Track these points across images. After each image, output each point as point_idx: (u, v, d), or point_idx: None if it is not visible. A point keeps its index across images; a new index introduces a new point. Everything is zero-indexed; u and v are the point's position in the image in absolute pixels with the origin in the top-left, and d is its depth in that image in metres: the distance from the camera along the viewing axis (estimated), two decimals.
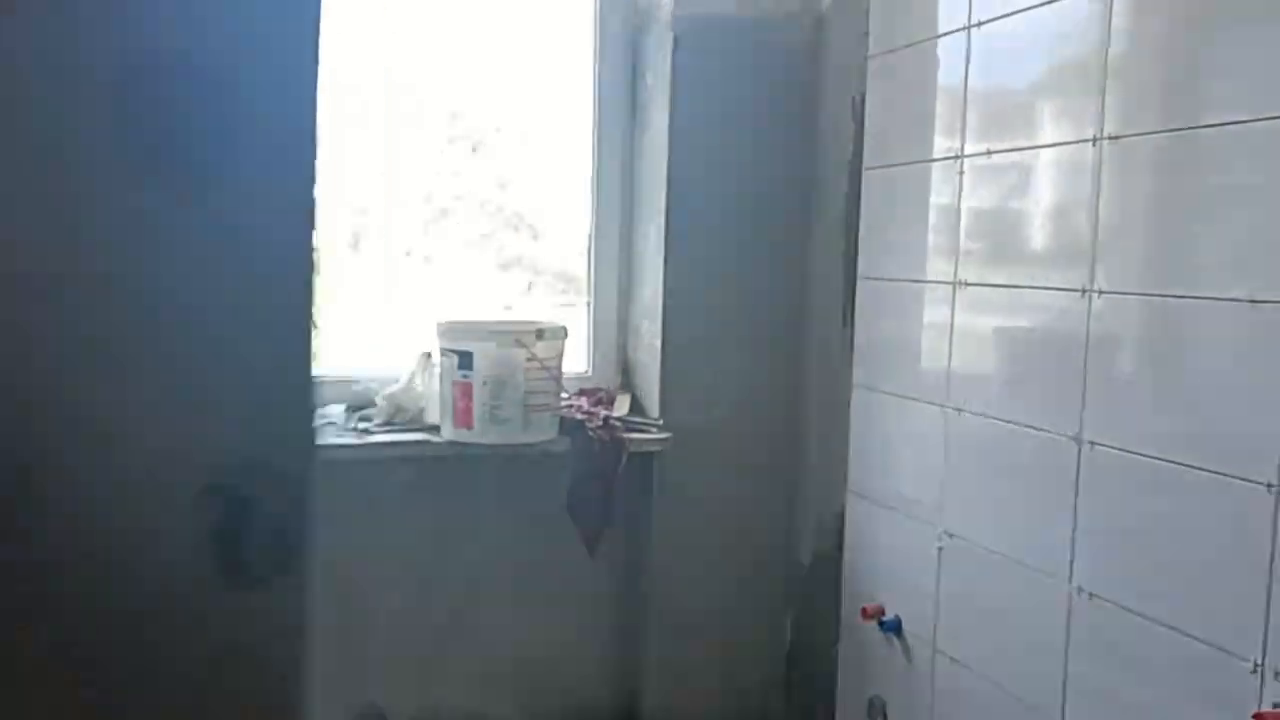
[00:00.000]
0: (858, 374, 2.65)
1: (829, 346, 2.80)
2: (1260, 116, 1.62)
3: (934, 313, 2.39)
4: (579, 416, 2.71)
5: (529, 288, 3.25)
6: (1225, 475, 1.68)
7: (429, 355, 2.65)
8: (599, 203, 2.94)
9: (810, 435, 2.90)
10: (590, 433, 2.67)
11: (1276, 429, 1.59)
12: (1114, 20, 1.90)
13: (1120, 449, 1.88)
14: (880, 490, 2.58)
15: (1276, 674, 1.58)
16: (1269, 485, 1.60)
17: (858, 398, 2.66)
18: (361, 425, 2.60)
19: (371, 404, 2.67)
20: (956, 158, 2.31)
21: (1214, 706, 1.68)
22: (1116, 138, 1.89)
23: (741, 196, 2.82)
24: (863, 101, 2.65)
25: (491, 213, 3.18)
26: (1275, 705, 1.57)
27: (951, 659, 2.33)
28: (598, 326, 2.97)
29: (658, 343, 2.80)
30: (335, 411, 2.65)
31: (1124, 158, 1.89)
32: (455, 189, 3.10)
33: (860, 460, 2.66)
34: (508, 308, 3.11)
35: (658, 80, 2.80)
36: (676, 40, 2.73)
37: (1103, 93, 1.92)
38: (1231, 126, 1.67)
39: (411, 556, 2.70)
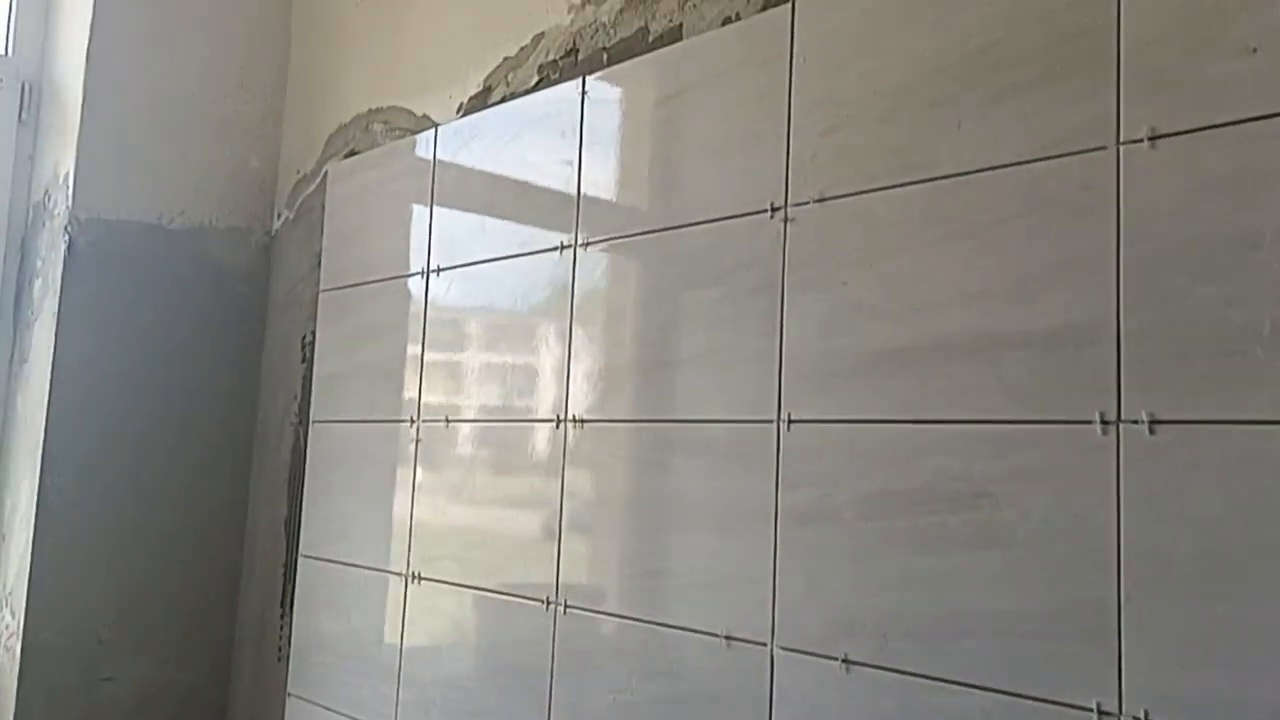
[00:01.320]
0: (293, 681, 2.10)
1: (265, 642, 2.23)
2: (729, 418, 1.39)
3: (384, 608, 1.92)
4: None
5: None
6: None
7: None
8: None
9: None
10: None
11: None
12: (577, 283, 1.65)
13: None
14: None
15: None
16: None
17: (293, 711, 2.09)
18: None
19: None
20: (412, 421, 1.92)
21: None
22: (581, 421, 1.61)
23: (159, 446, 2.22)
24: (314, 341, 2.21)
25: None
26: None
27: None
28: None
29: (18, 645, 2.05)
30: None
31: (584, 443, 1.60)
32: None
33: None
34: None
35: (46, 295, 2.17)
36: (72, 244, 2.14)
37: (566, 376, 1.64)
38: (703, 426, 1.44)
39: None
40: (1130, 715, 1.01)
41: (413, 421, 1.92)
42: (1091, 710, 1.04)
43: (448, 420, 1.86)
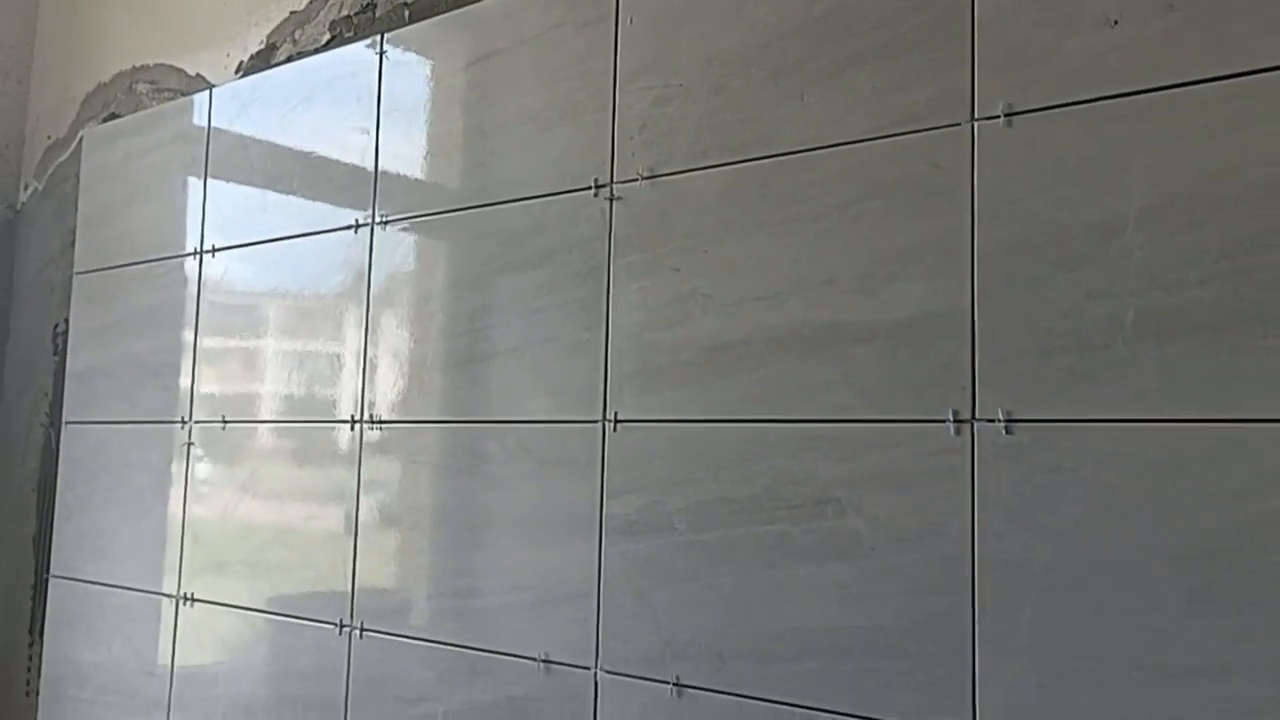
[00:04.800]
0: (44, 719, 1.82)
1: (10, 676, 1.93)
2: (548, 419, 1.25)
3: (151, 634, 1.68)
4: None
5: None
6: None
7: None
8: None
9: None
10: None
11: None
12: (374, 265, 1.46)
13: None
14: None
15: None
16: None
17: None
18: None
19: None
20: (184, 423, 1.68)
21: None
22: (381, 423, 1.43)
23: None
24: (66, 331, 1.92)
25: None
26: None
27: None
28: None
29: None
30: None
31: (384, 448, 1.42)
32: None
33: None
34: None
35: None
36: None
37: (363, 372, 1.46)
38: (518, 427, 1.29)
39: None
40: None
41: (184, 423, 1.69)
42: None
43: (225, 421, 1.63)
